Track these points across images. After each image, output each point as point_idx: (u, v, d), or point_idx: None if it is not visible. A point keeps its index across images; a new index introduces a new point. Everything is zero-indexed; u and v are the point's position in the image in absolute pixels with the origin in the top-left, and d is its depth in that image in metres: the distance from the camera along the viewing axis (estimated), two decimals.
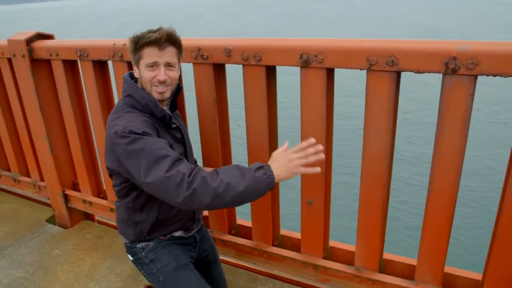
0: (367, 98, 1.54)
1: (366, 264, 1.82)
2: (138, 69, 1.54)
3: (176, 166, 1.37)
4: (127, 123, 1.44)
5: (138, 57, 1.51)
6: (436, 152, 1.49)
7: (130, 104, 1.57)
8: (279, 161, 1.43)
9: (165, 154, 1.38)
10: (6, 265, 2.43)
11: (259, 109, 1.80)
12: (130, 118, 1.49)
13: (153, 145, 1.40)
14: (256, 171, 1.38)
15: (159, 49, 1.48)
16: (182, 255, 1.72)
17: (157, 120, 1.57)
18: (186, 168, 1.37)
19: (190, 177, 1.34)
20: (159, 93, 1.53)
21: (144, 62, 1.50)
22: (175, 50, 1.54)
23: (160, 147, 1.40)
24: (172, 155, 1.40)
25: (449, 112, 1.41)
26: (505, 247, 1.49)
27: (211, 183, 1.34)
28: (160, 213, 1.65)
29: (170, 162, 1.37)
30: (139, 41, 1.48)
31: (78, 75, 2.42)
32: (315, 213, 1.85)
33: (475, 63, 1.30)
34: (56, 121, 2.57)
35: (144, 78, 1.52)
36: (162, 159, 1.37)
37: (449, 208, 1.54)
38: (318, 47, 1.55)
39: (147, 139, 1.40)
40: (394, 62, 1.42)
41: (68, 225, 2.79)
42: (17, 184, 3.06)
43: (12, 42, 2.41)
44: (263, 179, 1.37)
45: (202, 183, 1.34)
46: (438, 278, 1.67)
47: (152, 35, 1.46)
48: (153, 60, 1.49)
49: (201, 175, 1.36)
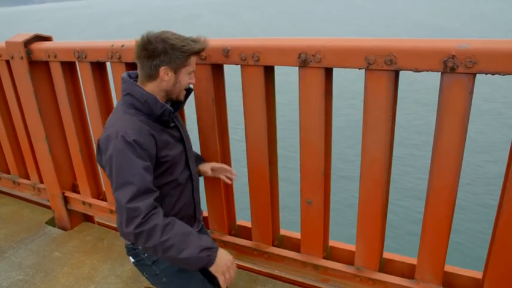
0: (365, 98, 1.54)
1: (366, 263, 1.82)
2: (174, 73, 1.54)
3: (138, 201, 1.40)
4: (120, 128, 1.45)
5: (183, 65, 1.54)
6: (436, 150, 1.48)
7: (129, 102, 1.56)
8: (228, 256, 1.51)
9: (134, 182, 1.41)
10: (6, 268, 2.42)
11: (257, 109, 1.79)
12: (125, 122, 1.49)
13: (130, 167, 1.42)
14: (201, 252, 1.43)
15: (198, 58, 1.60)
16: None
17: (155, 120, 1.56)
18: (146, 207, 1.39)
19: (144, 219, 1.38)
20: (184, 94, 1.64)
21: (189, 70, 1.56)
22: None
23: (134, 173, 1.42)
24: (139, 186, 1.41)
25: (448, 111, 1.41)
26: (505, 245, 1.49)
27: (158, 235, 1.38)
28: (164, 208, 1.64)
29: (134, 193, 1.40)
30: (188, 50, 1.51)
31: (76, 77, 2.41)
32: (315, 213, 1.85)
33: (473, 62, 1.30)
34: (54, 123, 2.57)
35: (182, 83, 1.58)
36: (129, 185, 1.40)
37: (449, 206, 1.53)
38: (316, 46, 1.55)
39: (127, 157, 1.42)
40: (393, 61, 1.42)
41: (68, 227, 2.78)
42: (17, 186, 3.06)
43: (10, 44, 2.41)
44: (203, 259, 1.43)
45: (151, 231, 1.38)
46: (438, 276, 1.67)
47: (198, 46, 1.53)
48: (194, 68, 1.59)
49: (154, 223, 1.39)
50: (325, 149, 1.72)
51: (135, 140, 1.43)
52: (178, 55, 1.50)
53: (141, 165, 1.44)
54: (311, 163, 1.76)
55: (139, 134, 1.46)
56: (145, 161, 1.46)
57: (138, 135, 1.45)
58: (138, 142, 1.44)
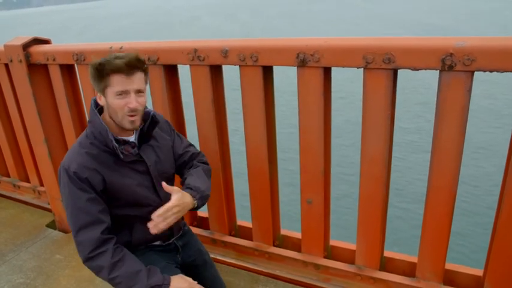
0: (364, 97, 1.54)
1: (366, 262, 1.82)
2: (104, 97, 1.47)
3: (82, 234, 1.45)
4: (66, 160, 1.50)
5: (105, 85, 1.43)
6: (435, 148, 1.49)
7: (90, 131, 1.53)
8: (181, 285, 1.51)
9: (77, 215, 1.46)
10: (7, 271, 2.42)
11: (256, 109, 1.80)
12: (73, 154, 1.50)
13: (73, 200, 1.46)
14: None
15: (127, 76, 1.41)
16: (159, 259, 1.67)
17: (112, 153, 1.51)
18: (91, 243, 1.44)
19: (90, 255, 1.44)
20: (131, 122, 1.47)
21: (113, 91, 1.42)
22: (143, 75, 1.48)
23: (78, 206, 1.46)
24: (82, 220, 1.45)
25: (446, 108, 1.41)
26: (505, 242, 1.49)
27: (106, 272, 1.44)
28: (135, 236, 1.63)
29: (79, 226, 1.45)
30: (104, 67, 1.40)
31: (75, 80, 2.41)
32: (315, 213, 1.85)
33: (471, 59, 1.30)
34: (54, 126, 2.57)
35: (113, 106, 1.45)
36: (74, 218, 1.47)
37: (448, 204, 1.54)
38: (315, 46, 1.55)
39: (70, 190, 1.46)
40: (391, 59, 1.42)
41: (69, 230, 2.78)
42: (17, 190, 3.06)
43: (8, 47, 2.41)
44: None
45: (98, 268, 1.45)
46: (439, 274, 1.67)
47: (119, 62, 1.40)
48: (124, 88, 1.42)
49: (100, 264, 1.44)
50: (325, 148, 1.72)
51: (75, 173, 1.45)
52: (96, 75, 1.44)
53: (84, 197, 1.46)
54: (311, 162, 1.77)
55: (81, 169, 1.46)
56: (89, 193, 1.46)
57: (80, 169, 1.45)
58: (79, 176, 1.45)
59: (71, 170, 1.45)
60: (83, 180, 1.45)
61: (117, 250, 1.48)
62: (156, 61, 1.92)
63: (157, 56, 1.90)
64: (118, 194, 1.52)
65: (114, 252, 1.47)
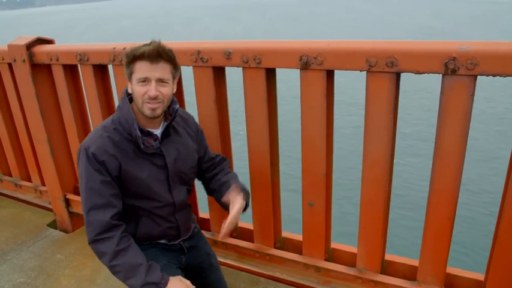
0: (367, 100, 1.54)
1: (367, 265, 1.82)
2: (131, 84, 1.49)
3: (93, 214, 1.48)
4: (88, 140, 1.51)
5: (130, 72, 1.46)
6: (437, 152, 1.49)
7: (117, 117, 1.54)
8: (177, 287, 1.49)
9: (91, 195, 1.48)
10: (8, 270, 2.43)
11: (259, 111, 1.80)
12: (95, 136, 1.51)
13: (89, 180, 1.49)
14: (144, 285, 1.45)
15: (150, 64, 1.42)
16: (161, 257, 1.67)
17: (133, 141, 1.52)
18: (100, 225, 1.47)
19: (97, 237, 1.47)
20: (151, 109, 1.46)
21: (136, 77, 1.44)
22: (169, 66, 1.48)
23: (91, 186, 1.48)
24: (94, 201, 1.48)
25: (449, 112, 1.41)
26: (507, 247, 1.49)
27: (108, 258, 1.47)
28: (140, 229, 1.63)
29: (91, 206, 1.48)
30: (131, 54, 1.43)
31: (78, 80, 2.42)
32: (316, 215, 1.85)
33: (474, 64, 1.30)
34: (56, 125, 2.57)
35: (135, 93, 1.47)
36: (87, 197, 1.49)
37: (450, 208, 1.54)
38: (318, 49, 1.56)
39: (86, 171, 1.48)
40: (394, 63, 1.42)
41: (70, 230, 2.78)
42: (18, 189, 3.07)
43: (12, 47, 2.42)
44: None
45: (102, 254, 1.48)
46: (440, 278, 1.67)
47: (144, 48, 1.42)
48: (145, 75, 1.43)
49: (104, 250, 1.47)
50: (327, 150, 1.72)
51: (94, 155, 1.46)
52: (126, 62, 1.47)
53: (99, 179, 1.48)
54: (313, 165, 1.77)
55: (100, 152, 1.47)
56: (105, 176, 1.48)
57: (98, 151, 1.47)
58: (97, 158, 1.47)
59: (90, 150, 1.47)
60: (100, 162, 1.47)
61: (123, 239, 1.50)
62: None
63: None
64: (131, 184, 1.54)
65: (120, 240, 1.48)
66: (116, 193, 1.52)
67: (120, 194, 1.54)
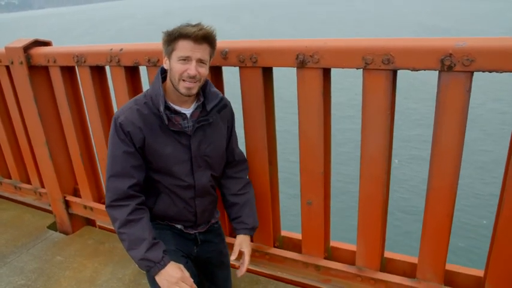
0: (363, 97, 1.54)
1: (367, 263, 1.82)
2: (169, 61, 1.53)
3: (113, 181, 1.56)
4: (119, 111, 1.57)
5: (172, 49, 1.50)
6: (434, 149, 1.48)
7: (148, 92, 1.61)
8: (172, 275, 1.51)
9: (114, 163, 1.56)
10: (8, 272, 2.43)
11: (256, 110, 1.80)
12: (126, 107, 1.58)
13: (114, 148, 1.56)
14: (141, 261, 1.51)
15: (194, 43, 1.47)
16: (171, 241, 1.69)
17: (160, 117, 1.56)
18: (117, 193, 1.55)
19: (113, 203, 1.55)
20: (187, 88, 1.51)
21: (177, 55, 1.49)
22: (209, 48, 1.54)
23: (116, 155, 1.55)
24: (116, 169, 1.55)
25: (446, 109, 1.41)
26: (506, 243, 1.49)
27: (117, 225, 1.53)
28: (157, 206, 1.68)
29: (112, 173, 1.56)
30: (175, 32, 1.48)
31: (76, 81, 2.42)
32: (315, 214, 1.85)
33: (470, 60, 1.30)
34: (55, 127, 2.57)
35: (174, 70, 1.51)
36: (110, 164, 1.57)
37: (449, 205, 1.53)
38: (314, 47, 1.55)
39: (113, 139, 1.55)
40: (390, 60, 1.42)
41: (69, 231, 2.79)
42: (18, 191, 3.07)
43: (9, 49, 2.42)
44: (142, 266, 1.53)
45: (113, 219, 1.55)
46: (440, 275, 1.67)
47: (191, 29, 1.46)
48: (187, 54, 1.48)
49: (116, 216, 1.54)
50: (325, 149, 1.72)
51: (121, 125, 1.53)
52: (166, 39, 1.51)
53: (122, 149, 1.54)
54: (311, 163, 1.76)
55: (127, 123, 1.53)
56: (128, 147, 1.54)
57: (126, 122, 1.53)
58: (123, 128, 1.53)
59: (118, 120, 1.54)
60: (125, 133, 1.53)
61: (137, 211, 1.55)
62: (157, 63, 1.92)
63: (158, 57, 1.91)
64: (153, 157, 1.59)
65: (133, 210, 1.54)
66: (138, 165, 1.58)
67: (143, 166, 1.60)
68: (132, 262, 2.39)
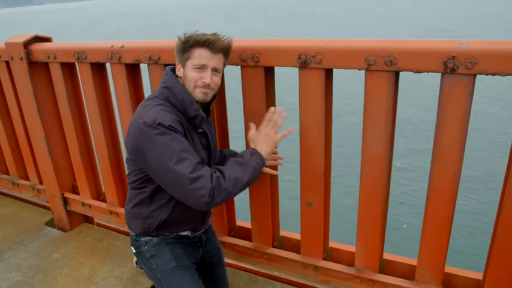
0: (366, 98, 1.54)
1: (366, 264, 1.82)
2: (183, 68, 1.55)
3: (198, 170, 1.42)
4: (157, 116, 1.45)
5: (187, 57, 1.52)
6: (436, 150, 1.48)
7: (165, 96, 1.57)
8: (259, 140, 1.60)
9: (188, 157, 1.43)
10: (5, 269, 2.42)
11: (257, 110, 1.79)
12: (161, 112, 1.49)
13: (180, 143, 1.44)
14: (251, 161, 1.52)
15: (210, 52, 1.50)
16: (184, 256, 1.73)
17: (187, 120, 1.57)
18: (208, 173, 1.44)
19: (212, 183, 1.42)
20: (203, 93, 1.54)
21: (193, 63, 1.51)
22: (224, 58, 1.58)
23: (185, 148, 1.45)
24: (195, 159, 1.45)
25: (448, 111, 1.41)
26: (505, 246, 1.49)
27: (223, 184, 1.44)
28: (172, 214, 1.67)
29: (193, 165, 1.42)
30: (192, 40, 1.49)
31: (76, 78, 2.41)
32: (315, 214, 1.85)
33: (473, 63, 1.30)
34: (54, 124, 2.56)
35: (189, 78, 1.53)
36: (186, 160, 1.42)
37: (449, 207, 1.53)
38: (316, 47, 1.55)
39: (174, 135, 1.44)
40: (393, 61, 1.42)
41: (67, 228, 2.78)
42: (16, 187, 3.06)
43: (9, 45, 2.41)
44: (258, 164, 1.54)
45: (218, 186, 1.42)
46: (439, 277, 1.67)
47: (207, 37, 1.48)
48: (203, 62, 1.50)
49: (215, 176, 1.45)
50: (325, 149, 1.72)
51: (172, 126, 1.45)
52: (182, 47, 1.52)
53: (187, 142, 1.48)
54: (311, 164, 1.76)
55: (175, 123, 1.48)
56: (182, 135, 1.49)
57: (174, 124, 1.47)
58: (176, 129, 1.46)
59: (166, 123, 1.44)
60: (176, 130, 1.46)
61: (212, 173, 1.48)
62: (158, 60, 1.91)
63: (159, 55, 1.90)
64: None
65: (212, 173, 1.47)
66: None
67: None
68: (130, 260, 2.39)
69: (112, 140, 2.39)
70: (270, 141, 1.61)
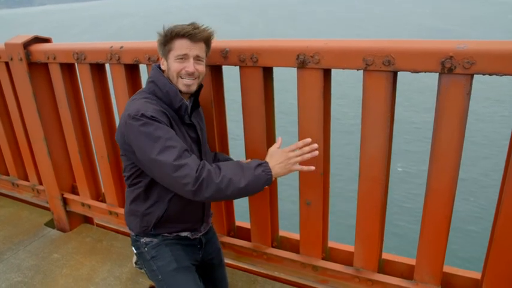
0: (364, 98, 1.54)
1: (365, 264, 1.82)
2: (166, 61, 1.56)
3: (184, 158, 1.42)
4: (140, 107, 1.47)
5: (168, 49, 1.53)
6: (434, 151, 1.49)
7: (152, 90, 1.58)
8: (277, 159, 1.53)
9: (173, 145, 1.43)
10: (5, 269, 2.42)
11: (256, 110, 1.79)
12: (145, 104, 1.51)
13: (163, 132, 1.44)
14: (256, 169, 1.47)
15: (190, 42, 1.51)
16: (184, 257, 1.72)
17: (173, 112, 1.57)
18: (194, 162, 1.42)
19: (197, 172, 1.40)
20: (186, 85, 1.55)
21: (174, 54, 1.52)
22: (205, 46, 1.58)
23: (169, 137, 1.44)
24: (180, 146, 1.44)
25: (446, 111, 1.41)
26: (503, 246, 1.49)
27: (214, 178, 1.41)
28: (169, 209, 1.66)
29: (178, 152, 1.41)
30: (170, 32, 1.50)
31: (75, 78, 2.41)
32: (314, 214, 1.85)
33: (471, 63, 1.30)
34: (53, 124, 2.57)
35: (172, 69, 1.54)
36: (170, 148, 1.41)
37: (447, 207, 1.54)
38: (315, 47, 1.55)
39: (157, 125, 1.44)
40: (391, 61, 1.42)
41: (67, 229, 2.78)
42: (16, 188, 3.06)
43: (9, 45, 2.41)
44: (262, 176, 1.47)
45: (208, 178, 1.40)
46: (437, 277, 1.67)
47: (186, 28, 1.50)
48: (184, 52, 1.51)
49: (206, 169, 1.42)
50: (324, 149, 1.72)
51: (153, 117, 1.45)
52: (163, 40, 1.53)
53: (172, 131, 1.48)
54: (310, 164, 1.76)
55: (158, 114, 1.48)
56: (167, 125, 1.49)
57: (157, 114, 1.47)
58: (158, 119, 1.46)
59: (147, 114, 1.44)
60: (159, 121, 1.46)
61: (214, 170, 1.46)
62: (157, 61, 1.92)
63: (158, 56, 1.90)
64: None
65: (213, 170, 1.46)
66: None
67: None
68: (129, 260, 2.39)
69: (111, 141, 2.39)
70: (286, 166, 1.52)
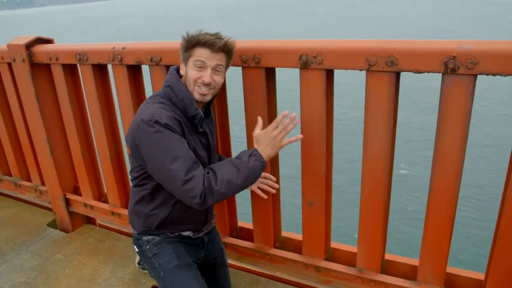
0: (366, 99, 1.54)
1: (367, 265, 1.82)
2: (186, 67, 1.56)
3: (193, 170, 1.44)
4: (154, 113, 1.47)
5: (188, 55, 1.53)
6: (437, 151, 1.48)
7: (167, 95, 1.58)
8: (264, 142, 1.56)
9: (184, 155, 1.45)
10: (8, 270, 2.42)
11: (259, 111, 1.79)
12: (158, 110, 1.50)
13: (175, 141, 1.45)
14: (249, 161, 1.50)
15: (210, 51, 1.50)
16: (186, 254, 1.73)
17: (186, 120, 1.57)
18: (201, 174, 1.45)
19: (204, 185, 1.43)
20: (201, 94, 1.55)
21: (193, 61, 1.52)
22: (226, 58, 1.57)
23: (180, 146, 1.46)
24: (190, 157, 1.46)
25: (449, 112, 1.41)
26: (507, 247, 1.49)
27: (214, 186, 1.44)
28: (172, 212, 1.67)
29: (188, 164, 1.44)
30: (193, 39, 1.51)
31: (78, 79, 2.42)
32: (316, 215, 1.85)
33: (474, 63, 1.30)
34: (56, 125, 2.57)
35: (189, 76, 1.54)
36: (180, 159, 1.43)
37: (450, 207, 1.53)
38: (317, 48, 1.55)
39: (170, 133, 1.45)
40: (393, 62, 1.42)
41: (69, 230, 2.78)
42: (18, 189, 3.06)
43: (12, 46, 2.42)
44: (256, 165, 1.51)
45: (210, 189, 1.44)
46: (440, 278, 1.67)
47: (208, 37, 1.50)
48: (203, 61, 1.51)
49: (208, 178, 1.45)
50: (327, 150, 1.72)
51: (168, 125, 1.46)
52: (185, 45, 1.53)
53: (183, 141, 1.49)
54: (312, 164, 1.76)
55: (172, 122, 1.48)
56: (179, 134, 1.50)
57: (170, 122, 1.48)
58: (172, 127, 1.47)
59: (162, 121, 1.45)
60: (173, 130, 1.47)
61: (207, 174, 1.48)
62: (159, 62, 1.92)
63: (160, 56, 1.90)
64: None
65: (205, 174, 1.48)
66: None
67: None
68: (132, 261, 2.39)
69: (114, 141, 2.39)
70: (275, 146, 1.56)
